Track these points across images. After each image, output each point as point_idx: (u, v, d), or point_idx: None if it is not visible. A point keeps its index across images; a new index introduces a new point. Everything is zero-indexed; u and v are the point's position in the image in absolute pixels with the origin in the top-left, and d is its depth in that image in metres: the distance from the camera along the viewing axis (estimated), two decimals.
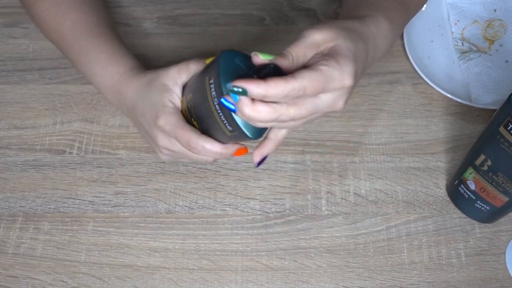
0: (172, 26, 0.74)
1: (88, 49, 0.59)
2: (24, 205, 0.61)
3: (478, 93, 0.67)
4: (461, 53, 0.71)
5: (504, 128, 0.48)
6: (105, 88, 0.58)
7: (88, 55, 0.58)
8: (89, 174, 0.63)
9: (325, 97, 0.44)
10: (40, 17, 0.62)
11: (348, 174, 0.63)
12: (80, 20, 0.60)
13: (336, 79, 0.42)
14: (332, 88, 0.42)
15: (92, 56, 0.58)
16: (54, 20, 0.61)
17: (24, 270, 0.57)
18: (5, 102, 0.67)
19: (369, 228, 0.60)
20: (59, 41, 0.61)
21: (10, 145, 0.64)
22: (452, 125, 0.66)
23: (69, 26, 0.60)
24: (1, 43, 0.72)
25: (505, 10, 0.73)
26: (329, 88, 0.42)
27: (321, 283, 0.57)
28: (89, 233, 0.59)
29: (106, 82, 0.57)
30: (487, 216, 0.59)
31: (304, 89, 0.41)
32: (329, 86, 0.42)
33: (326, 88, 0.42)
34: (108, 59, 0.58)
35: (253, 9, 0.75)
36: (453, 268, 0.58)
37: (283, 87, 0.40)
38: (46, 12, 0.61)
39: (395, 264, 0.58)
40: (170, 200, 0.61)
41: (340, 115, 0.67)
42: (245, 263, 0.58)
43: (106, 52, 0.58)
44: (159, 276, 0.57)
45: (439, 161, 0.64)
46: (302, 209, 0.61)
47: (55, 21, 0.60)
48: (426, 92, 0.68)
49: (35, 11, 0.62)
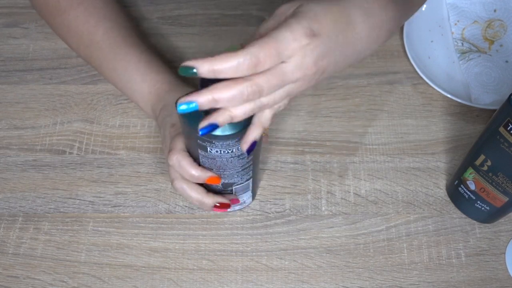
0: (172, 27, 0.74)
1: (125, 58, 0.61)
2: (24, 205, 0.61)
3: (478, 93, 0.67)
4: (461, 53, 0.71)
5: (504, 128, 0.48)
6: (142, 95, 0.60)
7: (126, 63, 0.61)
8: (89, 174, 0.63)
9: (289, 61, 0.41)
10: (71, 25, 0.63)
11: (348, 174, 0.63)
12: (113, 29, 0.62)
13: (287, 38, 0.40)
14: (288, 49, 0.40)
15: (130, 64, 0.60)
16: (86, 28, 0.62)
17: (24, 270, 0.57)
18: (5, 102, 0.67)
19: (369, 228, 0.60)
20: (91, 48, 0.62)
21: (10, 145, 0.64)
22: (452, 125, 0.66)
23: (103, 34, 0.61)
24: (1, 43, 0.72)
25: (505, 11, 0.73)
26: (286, 50, 0.40)
27: (321, 283, 0.57)
28: (89, 233, 0.59)
29: (145, 89, 0.60)
30: (487, 216, 0.59)
31: (256, 57, 0.39)
32: (283, 48, 0.40)
33: (280, 50, 0.40)
34: (148, 68, 0.60)
35: (253, 9, 0.75)
36: (453, 268, 0.58)
37: (233, 58, 0.38)
38: (79, 19, 0.62)
39: (395, 264, 0.58)
40: (170, 200, 0.61)
41: (340, 115, 0.67)
42: (245, 263, 0.58)
43: (145, 61, 0.61)
44: (159, 276, 0.57)
45: (439, 161, 0.64)
46: (302, 209, 0.61)
47: (87, 28, 0.62)
48: (426, 92, 0.68)
49: (63, 19, 0.63)
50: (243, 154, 0.47)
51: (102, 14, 0.62)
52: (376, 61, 0.70)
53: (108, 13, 0.63)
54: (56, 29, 0.65)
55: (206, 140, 0.44)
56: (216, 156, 0.47)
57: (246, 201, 0.59)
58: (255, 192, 0.60)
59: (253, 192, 0.58)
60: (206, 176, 0.51)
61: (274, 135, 0.65)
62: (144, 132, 0.65)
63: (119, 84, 0.62)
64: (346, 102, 0.68)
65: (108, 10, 0.63)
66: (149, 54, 0.62)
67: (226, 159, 0.47)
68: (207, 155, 0.47)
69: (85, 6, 0.62)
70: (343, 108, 0.67)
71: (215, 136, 0.43)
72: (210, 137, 0.44)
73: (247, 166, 0.50)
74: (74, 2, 0.62)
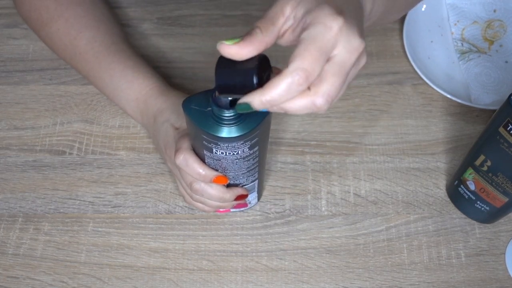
0: (172, 27, 0.74)
1: (110, 66, 0.61)
2: (24, 205, 0.61)
3: (478, 94, 0.67)
4: (461, 54, 0.71)
5: (504, 128, 0.48)
6: (129, 101, 0.60)
7: (111, 71, 0.61)
8: (89, 175, 0.63)
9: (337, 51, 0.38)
10: (53, 38, 0.63)
11: (348, 174, 0.63)
12: (95, 38, 0.62)
13: (321, 32, 0.37)
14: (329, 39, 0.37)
15: (115, 72, 0.60)
16: (68, 40, 0.62)
17: (24, 271, 0.57)
18: (5, 103, 0.67)
19: (369, 229, 0.60)
20: (76, 59, 0.63)
21: (10, 145, 0.64)
22: (452, 126, 0.66)
23: (86, 44, 0.61)
24: (1, 43, 0.72)
25: (504, 11, 0.73)
26: (327, 42, 0.37)
27: (321, 284, 0.57)
28: (89, 233, 0.59)
29: (132, 96, 0.60)
30: (487, 217, 0.59)
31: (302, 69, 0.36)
32: (323, 42, 0.37)
33: (322, 46, 0.37)
34: (134, 74, 0.60)
35: (253, 10, 0.75)
36: (453, 269, 0.58)
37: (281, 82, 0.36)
38: (60, 32, 0.62)
39: (395, 265, 0.58)
40: (170, 201, 0.61)
41: (340, 116, 0.67)
42: (245, 263, 0.58)
43: (131, 68, 0.60)
44: (159, 277, 0.57)
45: (439, 161, 0.64)
46: (302, 210, 0.61)
47: (69, 40, 0.62)
48: (426, 93, 0.68)
49: (46, 32, 0.63)
50: (249, 156, 0.47)
51: (83, 23, 0.62)
52: (376, 62, 0.70)
53: (90, 21, 0.62)
54: (43, 41, 0.65)
55: (212, 141, 0.44)
56: (221, 157, 0.47)
57: (252, 202, 0.59)
58: (261, 194, 0.60)
59: (258, 193, 0.58)
60: (213, 175, 0.50)
61: (274, 136, 0.65)
62: (144, 132, 0.65)
63: (106, 92, 0.62)
64: (345, 102, 0.68)
65: (89, 18, 0.63)
66: (134, 60, 0.62)
67: (231, 161, 0.47)
68: (212, 156, 0.47)
69: (66, 17, 0.62)
70: (343, 109, 0.67)
71: (220, 138, 0.43)
72: (215, 138, 0.44)
73: (252, 168, 0.50)
74: (54, 15, 0.62)
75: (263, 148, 0.49)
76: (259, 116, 0.43)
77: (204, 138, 0.44)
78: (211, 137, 0.43)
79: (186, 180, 0.52)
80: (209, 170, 0.50)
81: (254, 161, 0.49)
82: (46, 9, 0.62)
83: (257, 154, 0.48)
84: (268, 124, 0.47)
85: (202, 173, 0.50)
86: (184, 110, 0.43)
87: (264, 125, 0.45)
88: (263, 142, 0.47)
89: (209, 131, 0.43)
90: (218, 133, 0.43)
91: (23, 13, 0.65)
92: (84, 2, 0.63)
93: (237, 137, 0.43)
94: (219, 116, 0.42)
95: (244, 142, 0.44)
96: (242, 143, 0.44)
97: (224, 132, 0.43)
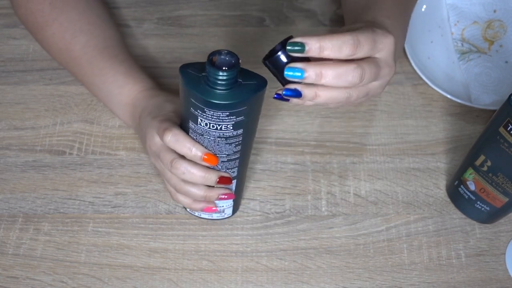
0: (172, 27, 0.74)
1: (102, 72, 0.61)
2: (24, 205, 0.61)
3: (478, 94, 0.67)
4: (461, 54, 0.71)
5: (504, 128, 0.48)
6: (120, 106, 0.60)
7: (103, 77, 0.61)
8: (89, 175, 0.63)
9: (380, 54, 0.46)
10: (49, 42, 0.63)
11: (348, 174, 0.63)
12: (89, 43, 0.62)
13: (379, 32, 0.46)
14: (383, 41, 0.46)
15: (107, 78, 0.60)
16: (63, 44, 0.62)
17: (24, 271, 0.57)
18: (5, 103, 0.67)
19: (369, 229, 0.60)
20: (71, 64, 0.63)
21: (10, 146, 0.64)
22: (452, 126, 0.66)
23: (80, 49, 0.61)
24: (1, 43, 0.72)
25: (505, 11, 0.73)
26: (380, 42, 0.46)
27: (321, 284, 0.57)
28: (89, 233, 0.59)
29: (123, 100, 0.60)
30: (487, 217, 0.59)
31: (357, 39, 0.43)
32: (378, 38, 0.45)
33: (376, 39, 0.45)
34: (125, 79, 0.60)
35: (252, 10, 0.75)
36: (453, 269, 0.58)
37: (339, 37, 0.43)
38: (55, 36, 0.62)
39: (395, 265, 0.58)
40: (170, 201, 0.61)
41: (340, 116, 0.67)
42: (245, 263, 0.58)
43: (123, 73, 0.60)
44: (159, 277, 0.57)
45: (439, 161, 0.64)
46: (302, 210, 0.61)
47: (64, 45, 0.62)
48: (426, 93, 0.68)
49: (42, 36, 0.63)
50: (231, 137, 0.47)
51: (77, 27, 0.62)
52: None
53: (84, 25, 0.62)
54: (40, 44, 0.66)
55: (199, 106, 0.44)
56: (204, 131, 0.46)
57: (226, 211, 0.58)
58: (238, 205, 0.59)
59: (235, 202, 0.57)
60: (204, 151, 0.48)
61: (274, 136, 0.65)
62: None
63: (100, 98, 0.63)
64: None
65: (83, 22, 0.63)
66: (127, 65, 0.61)
67: (213, 138, 0.47)
68: (196, 129, 0.47)
69: (60, 21, 0.62)
70: (342, 109, 0.67)
71: (207, 102, 0.43)
72: (202, 102, 0.44)
73: (233, 158, 0.49)
74: (49, 19, 0.62)
75: (247, 138, 0.48)
76: (250, 91, 0.44)
77: (192, 103, 0.44)
78: (199, 101, 0.44)
79: (167, 159, 0.50)
80: (200, 146, 0.48)
81: (236, 149, 0.48)
82: (41, 13, 0.62)
83: (240, 140, 0.47)
84: (256, 111, 0.47)
85: (193, 147, 0.48)
86: (180, 72, 0.44)
87: (252, 106, 0.45)
88: (248, 130, 0.47)
89: (198, 93, 0.43)
90: (206, 96, 0.43)
91: (20, 17, 0.65)
92: (79, 5, 0.63)
93: (224, 105, 0.43)
94: (213, 77, 0.42)
95: (230, 115, 0.44)
96: (227, 114, 0.44)
97: (212, 96, 0.43)
